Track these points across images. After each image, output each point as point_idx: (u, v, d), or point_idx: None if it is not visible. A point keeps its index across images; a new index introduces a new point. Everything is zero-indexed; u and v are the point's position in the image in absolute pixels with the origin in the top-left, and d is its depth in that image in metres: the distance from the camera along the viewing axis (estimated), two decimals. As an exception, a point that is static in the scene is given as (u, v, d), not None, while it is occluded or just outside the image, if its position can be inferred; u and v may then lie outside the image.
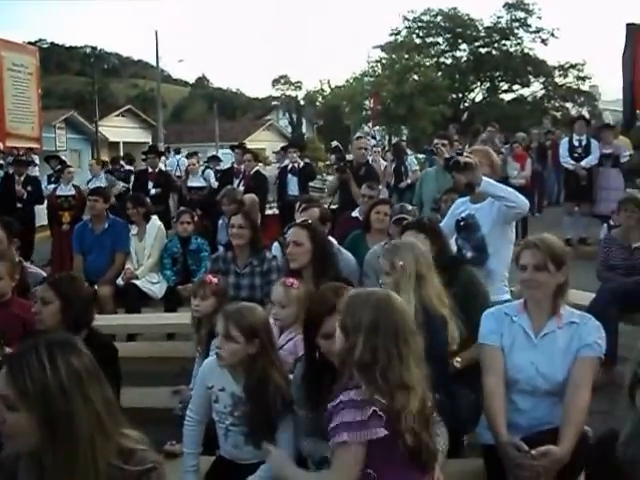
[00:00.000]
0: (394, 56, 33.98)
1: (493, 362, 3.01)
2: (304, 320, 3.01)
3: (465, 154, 4.37)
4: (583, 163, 10.53)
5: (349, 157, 8.93)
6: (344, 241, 5.34)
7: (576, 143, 10.75)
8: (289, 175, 10.56)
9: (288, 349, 3.51)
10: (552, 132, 16.43)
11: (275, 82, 54.03)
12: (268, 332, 3.01)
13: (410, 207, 4.86)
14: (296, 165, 10.65)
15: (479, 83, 39.78)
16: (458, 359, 3.48)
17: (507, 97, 40.10)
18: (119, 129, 36.71)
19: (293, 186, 10.42)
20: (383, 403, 2.16)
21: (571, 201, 11.07)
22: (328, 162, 33.15)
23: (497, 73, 38.66)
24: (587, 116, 18.25)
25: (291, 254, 4.15)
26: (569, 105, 38.69)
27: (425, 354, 2.36)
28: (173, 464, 3.09)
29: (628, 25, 15.69)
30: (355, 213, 6.37)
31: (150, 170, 10.75)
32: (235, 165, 10.89)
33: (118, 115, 38.73)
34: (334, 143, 10.97)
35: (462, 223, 4.54)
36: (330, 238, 4.90)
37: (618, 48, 15.41)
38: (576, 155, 10.66)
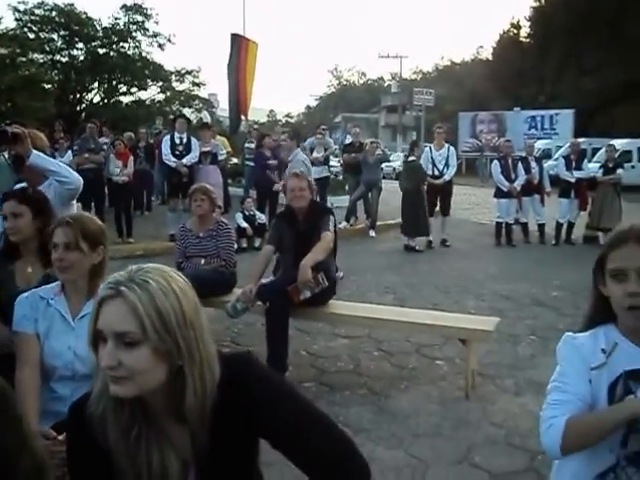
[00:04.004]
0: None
1: (27, 351, 2.83)
2: None
3: (15, 126, 4.10)
4: (184, 160, 10.96)
5: None
6: None
7: (177, 141, 11.15)
8: None
9: None
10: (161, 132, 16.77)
11: None
12: None
13: None
14: None
15: (97, 84, 38.81)
16: None
17: (126, 99, 39.87)
18: None
19: None
20: None
21: (174, 197, 11.42)
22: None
23: (115, 75, 38.17)
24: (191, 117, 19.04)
25: None
26: (188, 110, 39.81)
27: None
28: None
29: (233, 35, 16.79)
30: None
31: None
32: None
33: None
34: None
35: None
36: None
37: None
38: (177, 152, 11.06)
